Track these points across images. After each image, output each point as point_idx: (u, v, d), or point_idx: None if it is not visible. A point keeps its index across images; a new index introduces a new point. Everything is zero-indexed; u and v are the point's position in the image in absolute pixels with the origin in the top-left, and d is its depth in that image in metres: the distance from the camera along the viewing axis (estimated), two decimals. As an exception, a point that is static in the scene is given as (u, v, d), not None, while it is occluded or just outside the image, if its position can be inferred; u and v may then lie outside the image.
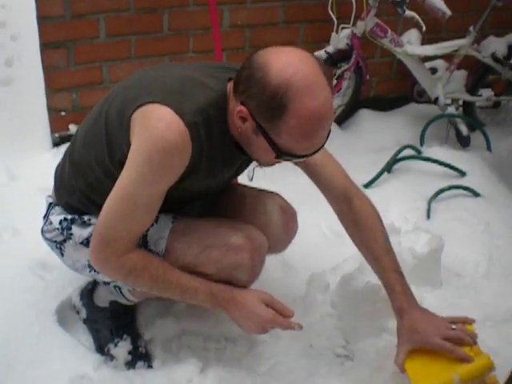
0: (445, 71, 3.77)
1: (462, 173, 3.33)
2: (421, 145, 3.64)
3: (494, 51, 3.65)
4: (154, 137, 1.62)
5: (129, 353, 2.14)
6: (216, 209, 2.09)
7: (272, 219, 2.07)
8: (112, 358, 2.14)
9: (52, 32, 3.10)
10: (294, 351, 2.13)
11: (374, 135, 3.80)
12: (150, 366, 2.13)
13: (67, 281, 2.29)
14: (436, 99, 3.74)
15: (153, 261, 1.82)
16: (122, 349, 2.14)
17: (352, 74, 3.54)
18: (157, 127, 1.62)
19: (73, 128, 3.26)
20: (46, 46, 3.12)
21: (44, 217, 2.07)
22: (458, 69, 3.78)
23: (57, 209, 2.03)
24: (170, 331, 2.22)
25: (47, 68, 3.17)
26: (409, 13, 3.31)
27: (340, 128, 3.80)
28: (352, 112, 3.93)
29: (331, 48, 3.40)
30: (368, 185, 3.28)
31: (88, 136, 1.89)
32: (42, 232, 2.07)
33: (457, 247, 2.66)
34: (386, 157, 3.40)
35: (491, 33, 3.74)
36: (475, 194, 3.17)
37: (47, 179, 2.12)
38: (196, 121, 1.65)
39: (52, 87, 3.22)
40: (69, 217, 1.98)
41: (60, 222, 1.99)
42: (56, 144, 3.27)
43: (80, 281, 2.24)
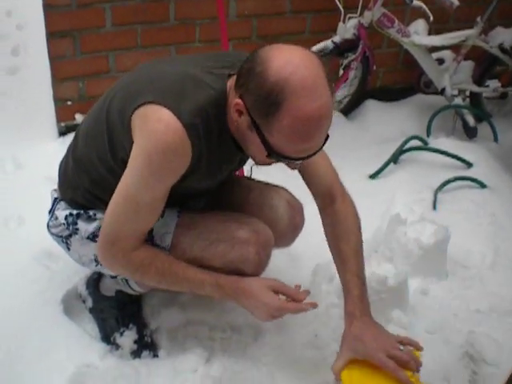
0: (452, 62, 3.76)
1: (469, 164, 3.32)
2: (427, 136, 3.64)
3: (502, 42, 3.64)
4: (153, 140, 1.62)
5: (134, 342, 2.14)
6: (222, 203, 2.08)
7: (278, 214, 2.07)
8: (118, 347, 2.14)
9: (58, 21, 3.09)
10: (300, 341, 2.13)
11: (381, 126, 3.80)
12: (156, 356, 2.13)
13: (73, 270, 2.29)
14: (443, 90, 3.73)
15: (159, 255, 1.83)
16: (128, 338, 2.14)
17: (359, 64, 3.53)
18: (156, 130, 1.62)
19: (79, 117, 3.26)
20: (52, 35, 3.12)
21: (49, 212, 2.07)
22: (465, 59, 3.77)
23: (62, 204, 2.03)
24: (176, 321, 2.23)
25: (53, 57, 3.17)
26: (416, 2, 3.31)
27: (346, 119, 3.80)
28: (358, 102, 3.93)
29: (338, 38, 3.39)
30: (374, 175, 3.27)
31: (90, 132, 1.89)
32: (48, 227, 2.07)
33: (463, 238, 2.66)
34: (393, 148, 3.40)
35: (499, 23, 3.73)
36: (482, 186, 3.16)
37: (53, 168, 2.11)
38: (195, 122, 1.63)
39: (58, 76, 3.22)
40: (74, 212, 1.98)
41: (66, 218, 1.99)
42: (62, 133, 3.27)
43: (86, 270, 2.23)
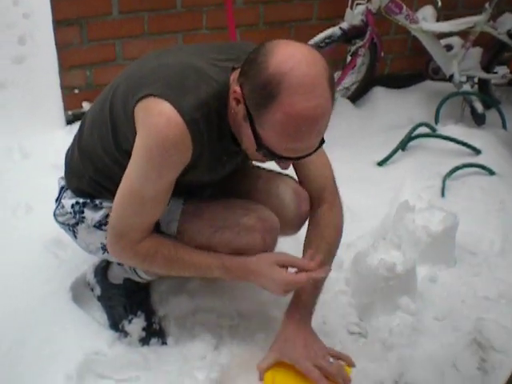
0: (460, 48, 3.74)
1: (477, 151, 3.31)
2: (435, 123, 3.63)
3: (510, 28, 3.62)
4: (154, 134, 1.62)
5: (143, 329, 2.14)
6: (228, 191, 2.06)
7: (285, 202, 2.05)
8: (126, 335, 2.14)
9: (65, 9, 3.08)
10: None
11: (389, 113, 3.79)
12: (164, 343, 2.14)
13: (81, 258, 2.30)
14: (451, 76, 3.71)
15: (164, 243, 1.83)
16: (136, 325, 2.14)
17: (366, 51, 3.52)
18: (156, 124, 1.61)
19: (86, 106, 3.26)
20: (59, 24, 3.11)
21: (56, 200, 2.08)
22: (474, 46, 3.75)
23: (68, 192, 2.04)
24: (184, 308, 2.23)
25: (60, 45, 3.16)
26: (424, -12, 3.29)
27: (354, 106, 3.79)
28: (366, 89, 3.91)
29: (345, 24, 3.37)
30: (382, 163, 3.27)
31: (95, 122, 1.89)
32: (55, 215, 2.07)
33: (471, 225, 2.66)
34: (401, 135, 3.39)
35: (507, 9, 3.70)
36: (490, 172, 3.15)
37: (60, 157, 2.11)
38: (196, 116, 1.62)
39: (65, 65, 3.21)
40: (81, 200, 1.99)
41: (72, 206, 1.99)
42: (69, 122, 3.27)
43: (94, 258, 2.24)
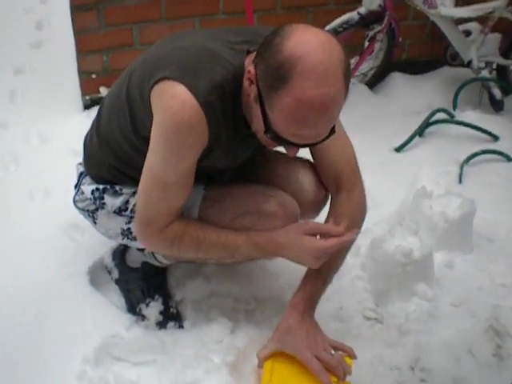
0: (479, 34, 3.70)
1: (495, 137, 3.30)
2: (453, 109, 3.61)
3: (530, 14, 3.58)
4: (169, 117, 1.61)
5: (160, 313, 2.16)
6: (247, 176, 2.05)
7: (304, 187, 2.03)
8: (143, 318, 2.16)
9: (82, -6, 3.09)
10: (324, 313, 2.13)
11: (406, 99, 3.76)
12: (181, 327, 2.15)
13: (99, 242, 2.31)
14: (469, 62, 3.68)
15: (190, 224, 1.83)
16: (154, 309, 2.16)
17: (384, 36, 3.50)
18: (171, 107, 1.60)
19: (103, 91, 3.27)
20: (77, 8, 3.10)
21: (75, 186, 2.09)
22: (492, 31, 3.71)
23: (88, 178, 2.04)
24: (201, 292, 2.24)
25: (78, 30, 3.16)
26: (443, -27, 3.26)
27: (371, 91, 3.78)
28: (384, 75, 3.89)
29: (363, 9, 3.35)
30: (399, 149, 3.26)
31: (112, 109, 1.89)
32: (74, 202, 2.08)
33: (489, 212, 2.64)
34: (418, 120, 3.39)
35: (527, -6, 3.66)
36: (508, 159, 3.14)
37: (78, 142, 2.12)
38: (211, 99, 1.61)
39: (82, 50, 3.21)
40: (101, 187, 1.99)
41: (92, 192, 2.00)
42: (87, 106, 3.28)
43: (112, 242, 2.25)
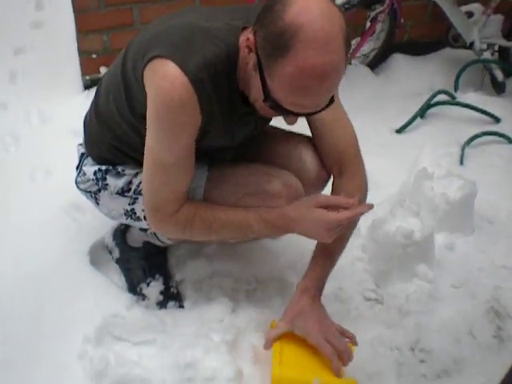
0: (481, 15, 3.69)
1: (497, 119, 3.30)
2: (455, 90, 3.61)
3: (533, -5, 3.56)
4: (160, 97, 1.60)
5: (160, 293, 2.16)
6: (249, 154, 2.04)
7: (306, 164, 2.02)
8: (144, 298, 2.16)
9: (82, -27, 3.07)
10: (324, 294, 2.11)
11: (408, 80, 3.76)
12: (182, 306, 2.16)
13: (100, 222, 2.31)
14: (471, 44, 3.67)
15: (200, 205, 1.82)
16: (154, 289, 2.16)
17: (386, 17, 3.49)
18: (162, 87, 1.59)
19: (103, 70, 3.25)
20: (77, -12, 3.10)
21: (77, 168, 2.08)
22: (495, 13, 3.70)
23: (89, 159, 2.04)
24: (202, 272, 2.24)
25: (78, 10, 3.14)
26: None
27: (373, 72, 3.76)
28: (385, 56, 3.87)
29: (365, -11, 3.34)
30: (401, 130, 3.25)
31: (109, 88, 1.88)
32: (77, 183, 2.08)
33: (490, 193, 2.65)
34: (420, 102, 3.39)
35: (530, -25, 3.64)
36: (509, 141, 3.14)
37: (79, 122, 2.11)
38: (202, 77, 1.59)
39: (83, 29, 3.20)
40: (103, 167, 1.98)
41: (94, 173, 1.99)
42: (87, 87, 3.26)
43: (113, 222, 2.25)
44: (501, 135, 3.15)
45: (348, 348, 1.79)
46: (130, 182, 1.93)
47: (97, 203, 2.05)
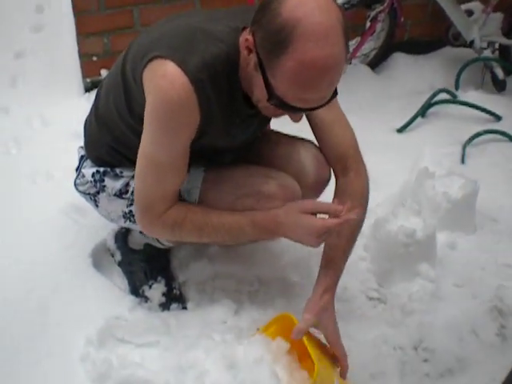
0: (481, 13, 3.69)
1: (498, 117, 3.29)
2: (456, 89, 3.60)
3: (533, -8, 3.56)
4: (159, 97, 1.61)
5: (163, 295, 2.16)
6: (249, 156, 2.04)
7: (305, 168, 2.02)
8: (146, 300, 2.16)
9: (82, -24, 3.08)
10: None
11: (408, 79, 3.76)
12: (185, 308, 2.16)
13: (101, 224, 2.30)
14: (472, 42, 3.66)
15: (190, 208, 1.82)
16: (157, 291, 2.16)
17: (386, 16, 3.48)
18: (161, 87, 1.60)
19: (104, 73, 3.25)
20: (76, -10, 3.10)
21: (76, 169, 2.09)
22: (495, 11, 3.69)
23: (88, 161, 2.05)
24: (204, 274, 2.24)
25: (78, 13, 3.16)
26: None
27: (374, 72, 3.76)
28: (386, 56, 3.87)
29: (365, -11, 3.34)
30: (402, 129, 3.25)
31: (109, 90, 1.89)
32: (75, 185, 2.08)
33: (492, 192, 2.64)
34: (421, 101, 3.39)
35: (530, -27, 3.64)
36: (511, 139, 3.14)
37: (79, 124, 2.12)
38: (201, 77, 1.60)
39: (83, 32, 3.21)
40: (101, 169, 1.99)
41: (93, 175, 2.00)
42: (88, 89, 3.27)
43: (114, 225, 2.25)
44: (502, 133, 3.14)
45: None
46: (128, 184, 1.94)
47: (96, 205, 2.06)
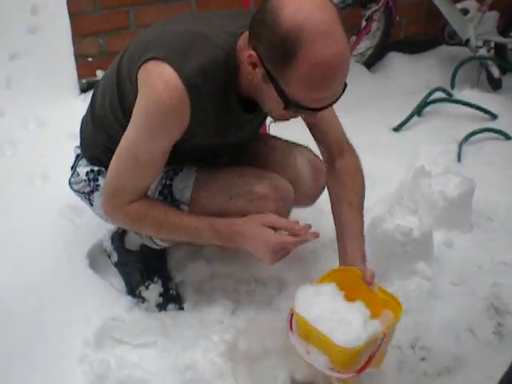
0: (476, 12, 3.70)
1: (493, 115, 3.30)
2: (451, 87, 3.61)
3: (528, -9, 3.57)
4: (152, 96, 1.61)
5: (160, 295, 2.16)
6: (244, 160, 2.05)
7: (301, 173, 2.04)
8: (143, 301, 2.16)
9: (77, -23, 3.07)
10: (324, 293, 2.14)
11: (404, 78, 3.77)
12: (181, 308, 2.16)
13: (98, 225, 2.30)
14: (467, 41, 3.67)
15: (154, 206, 1.83)
16: (153, 291, 2.16)
17: (381, 16, 3.49)
18: (155, 87, 1.60)
19: (100, 74, 3.26)
20: (72, -9, 3.10)
21: (71, 168, 2.09)
22: (490, 10, 3.70)
23: (84, 160, 2.05)
24: (201, 274, 2.24)
25: (73, 14, 3.15)
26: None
27: (369, 71, 3.77)
28: (381, 55, 3.88)
29: (360, -12, 3.34)
30: (398, 128, 3.25)
31: (105, 90, 1.89)
32: (70, 183, 2.09)
33: (488, 190, 2.64)
34: (416, 100, 3.39)
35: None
36: (506, 137, 3.14)
37: (76, 125, 2.12)
38: (196, 82, 1.60)
39: (78, 33, 3.20)
40: (95, 168, 2.00)
41: (87, 174, 2.01)
42: (84, 90, 3.27)
43: (111, 225, 2.25)
44: (498, 131, 3.15)
45: None
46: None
47: (91, 204, 2.06)
